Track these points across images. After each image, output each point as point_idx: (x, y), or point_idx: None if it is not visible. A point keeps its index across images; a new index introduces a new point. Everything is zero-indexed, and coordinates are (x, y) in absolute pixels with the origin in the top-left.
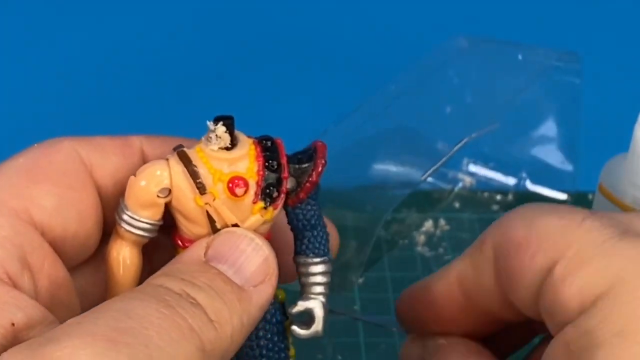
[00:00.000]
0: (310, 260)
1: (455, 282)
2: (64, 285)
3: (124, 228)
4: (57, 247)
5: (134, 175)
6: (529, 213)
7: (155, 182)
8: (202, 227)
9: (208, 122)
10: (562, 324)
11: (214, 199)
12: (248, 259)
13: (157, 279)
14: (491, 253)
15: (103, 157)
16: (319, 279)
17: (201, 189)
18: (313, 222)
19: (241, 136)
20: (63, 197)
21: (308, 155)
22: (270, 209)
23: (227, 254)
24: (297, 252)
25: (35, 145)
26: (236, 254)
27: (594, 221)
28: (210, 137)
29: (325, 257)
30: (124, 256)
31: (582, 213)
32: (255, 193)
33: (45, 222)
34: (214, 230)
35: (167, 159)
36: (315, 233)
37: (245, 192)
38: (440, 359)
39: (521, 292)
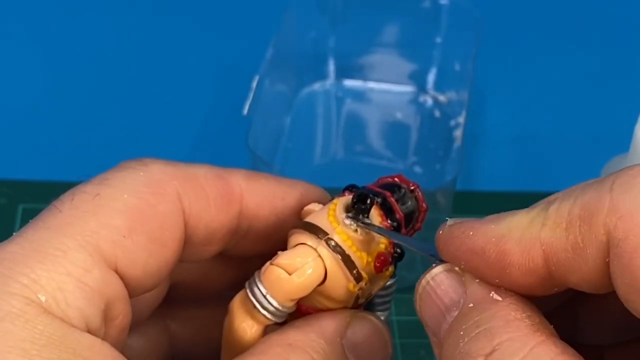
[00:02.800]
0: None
1: (540, 256)
2: (126, 329)
3: (267, 317)
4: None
5: (279, 266)
6: None
7: (311, 280)
8: (342, 304)
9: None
10: None
11: (366, 283)
12: None
13: (289, 351)
14: (604, 238)
15: (204, 207)
16: (390, 297)
17: (358, 278)
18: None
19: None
20: (152, 254)
21: (410, 203)
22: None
23: (363, 350)
24: None
25: (141, 173)
26: (371, 354)
27: None
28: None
29: (397, 277)
30: (252, 334)
31: None
32: (390, 262)
33: (127, 275)
34: (355, 304)
35: (315, 249)
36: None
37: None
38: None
39: None
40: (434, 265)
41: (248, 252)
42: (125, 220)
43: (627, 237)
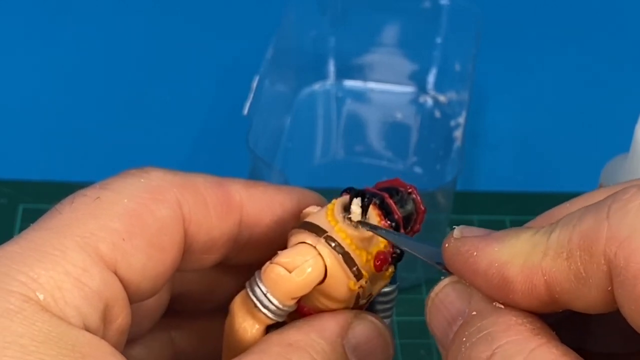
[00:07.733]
0: (387, 289)
1: (543, 285)
2: (126, 332)
3: (268, 316)
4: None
5: (279, 264)
6: None
7: (311, 278)
8: (344, 304)
9: (353, 207)
10: None
11: (366, 281)
12: None
13: (289, 351)
14: (606, 267)
15: (204, 215)
16: (391, 303)
17: (358, 275)
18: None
19: None
20: (152, 258)
21: (409, 205)
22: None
23: (364, 351)
24: None
25: (142, 180)
26: (372, 356)
27: None
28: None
29: (398, 284)
30: (253, 334)
31: None
32: (389, 261)
33: (126, 278)
34: (356, 304)
35: (315, 246)
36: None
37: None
38: (498, 318)
39: None
40: (441, 277)
41: (250, 261)
42: (124, 224)
43: (628, 265)
